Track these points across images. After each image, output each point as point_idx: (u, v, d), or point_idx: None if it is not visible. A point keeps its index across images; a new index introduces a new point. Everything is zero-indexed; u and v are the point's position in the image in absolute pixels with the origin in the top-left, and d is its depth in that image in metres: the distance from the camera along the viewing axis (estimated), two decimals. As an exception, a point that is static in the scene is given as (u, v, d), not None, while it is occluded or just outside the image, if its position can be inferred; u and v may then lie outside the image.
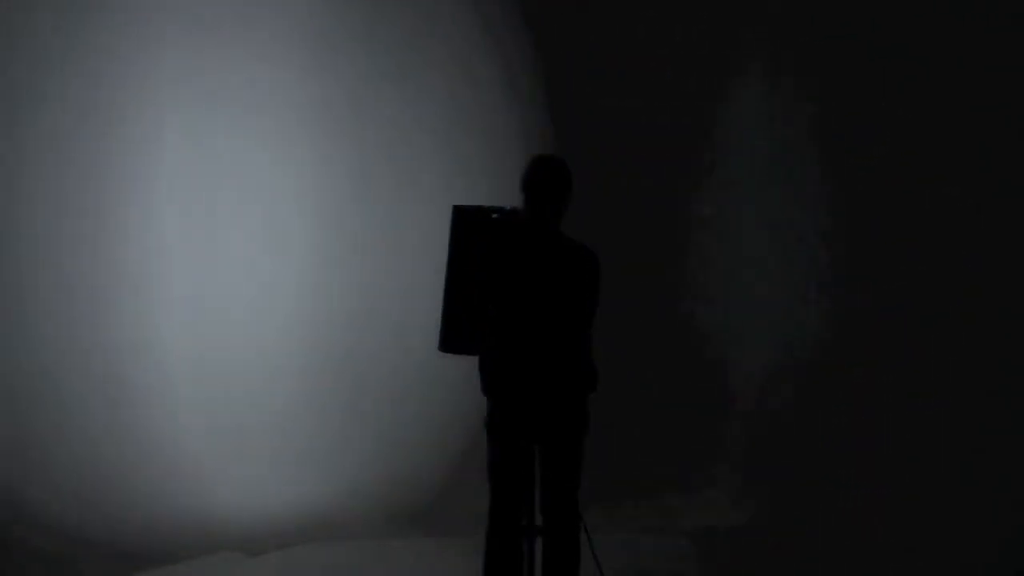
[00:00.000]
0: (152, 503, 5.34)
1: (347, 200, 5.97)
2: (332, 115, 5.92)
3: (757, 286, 6.32)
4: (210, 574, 4.91)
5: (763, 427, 6.11)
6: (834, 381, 5.87)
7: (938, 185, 5.62)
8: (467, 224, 3.83)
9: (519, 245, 3.68)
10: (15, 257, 5.22)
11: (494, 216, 3.76)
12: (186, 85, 5.53)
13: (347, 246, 5.96)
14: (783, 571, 5.01)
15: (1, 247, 5.19)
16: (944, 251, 5.62)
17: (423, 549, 5.19)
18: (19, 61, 5.19)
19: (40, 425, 5.22)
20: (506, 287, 3.66)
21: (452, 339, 3.86)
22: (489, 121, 6.29)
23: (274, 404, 5.76)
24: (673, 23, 6.48)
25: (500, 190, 4.85)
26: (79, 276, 5.34)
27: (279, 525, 5.45)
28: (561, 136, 6.27)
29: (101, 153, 5.39)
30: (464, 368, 4.00)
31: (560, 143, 6.10)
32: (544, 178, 3.68)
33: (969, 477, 5.26)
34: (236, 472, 5.60)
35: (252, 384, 5.71)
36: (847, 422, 5.78)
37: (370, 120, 6.00)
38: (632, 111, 6.43)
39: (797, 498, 5.67)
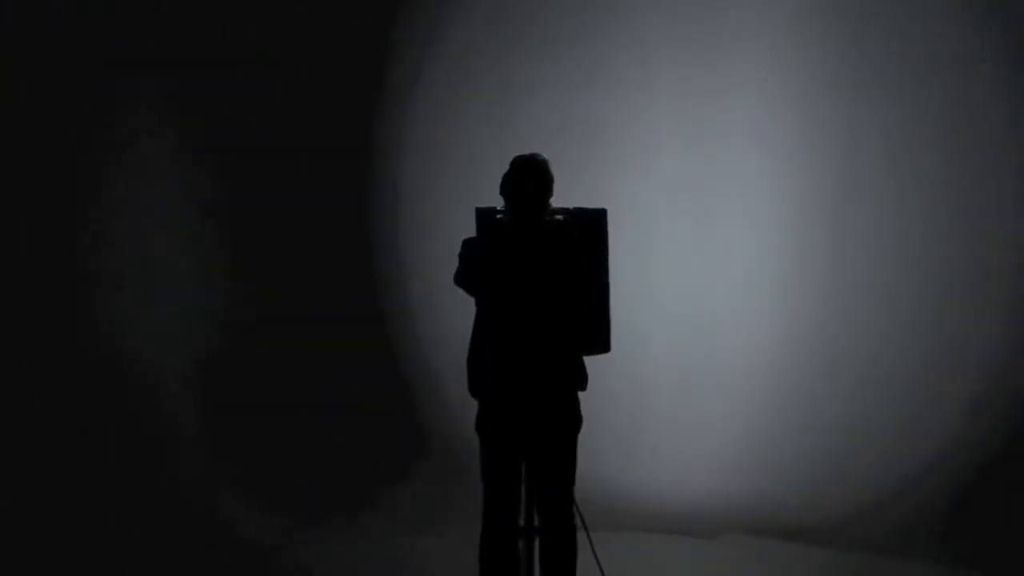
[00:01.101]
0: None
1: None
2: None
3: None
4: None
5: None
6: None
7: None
8: (484, 224, 3.81)
9: (506, 245, 3.66)
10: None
11: (498, 216, 3.75)
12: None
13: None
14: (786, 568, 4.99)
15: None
16: None
17: (423, 549, 5.18)
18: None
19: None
20: (494, 286, 3.64)
21: None
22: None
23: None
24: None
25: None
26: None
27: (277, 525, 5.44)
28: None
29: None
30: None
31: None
32: (523, 181, 3.67)
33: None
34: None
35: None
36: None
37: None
38: None
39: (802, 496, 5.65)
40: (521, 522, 3.79)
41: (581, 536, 3.74)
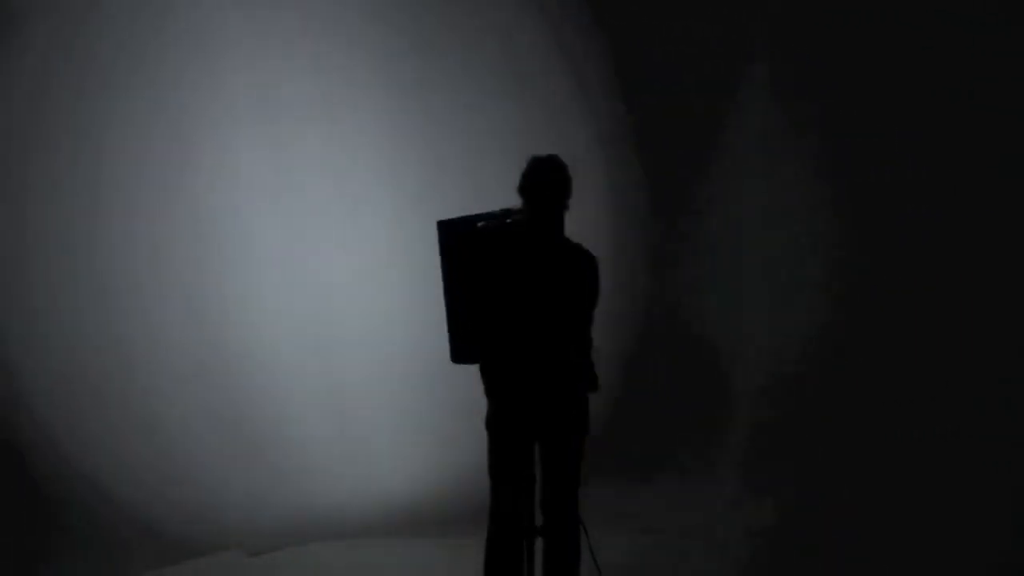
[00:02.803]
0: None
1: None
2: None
3: (757, 284, 6.30)
4: (212, 573, 4.93)
5: (764, 429, 6.09)
6: (835, 382, 5.85)
7: (943, 183, 5.60)
8: (454, 237, 3.81)
9: (520, 248, 3.68)
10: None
11: (479, 224, 3.75)
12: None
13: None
14: (783, 571, 5.02)
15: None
16: (949, 250, 5.60)
17: (423, 549, 5.19)
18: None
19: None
20: (508, 290, 3.66)
21: (463, 350, 3.85)
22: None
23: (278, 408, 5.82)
24: (681, 19, 6.42)
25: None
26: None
27: (280, 525, 5.47)
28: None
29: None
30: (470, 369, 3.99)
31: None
32: (546, 180, 3.68)
33: (971, 477, 5.24)
34: (241, 474, 5.65)
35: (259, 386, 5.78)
36: (850, 422, 5.76)
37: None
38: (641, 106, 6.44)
39: (800, 499, 5.66)
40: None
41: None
